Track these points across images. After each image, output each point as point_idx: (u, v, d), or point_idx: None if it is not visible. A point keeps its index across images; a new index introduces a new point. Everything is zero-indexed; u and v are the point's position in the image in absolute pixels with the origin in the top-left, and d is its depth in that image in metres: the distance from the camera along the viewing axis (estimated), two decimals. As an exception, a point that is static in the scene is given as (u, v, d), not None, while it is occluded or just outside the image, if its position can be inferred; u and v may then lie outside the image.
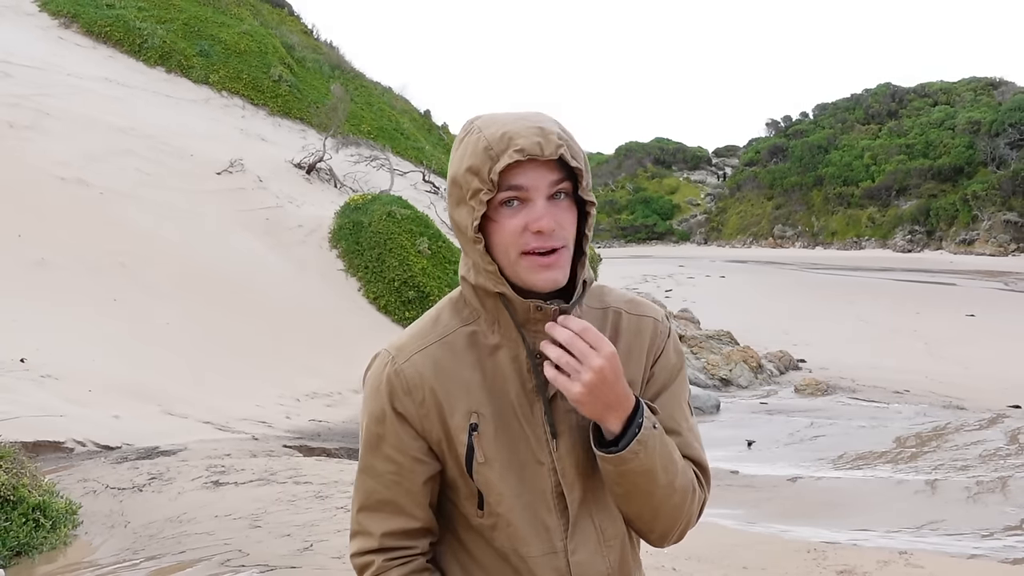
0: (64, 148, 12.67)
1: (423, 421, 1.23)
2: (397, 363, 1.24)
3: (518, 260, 1.17)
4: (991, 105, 55.56)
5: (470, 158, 1.17)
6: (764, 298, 24.71)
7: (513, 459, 1.22)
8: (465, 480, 1.23)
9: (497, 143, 1.15)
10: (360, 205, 13.68)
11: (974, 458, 8.16)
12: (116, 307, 9.69)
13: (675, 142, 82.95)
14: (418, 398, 1.23)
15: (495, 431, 1.22)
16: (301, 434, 8.02)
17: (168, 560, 4.33)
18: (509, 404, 1.23)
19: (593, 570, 1.24)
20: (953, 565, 4.79)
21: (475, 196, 1.16)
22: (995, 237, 48.15)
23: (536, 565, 1.23)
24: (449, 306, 1.29)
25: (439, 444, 1.24)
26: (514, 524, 1.22)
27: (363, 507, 1.27)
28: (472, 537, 1.27)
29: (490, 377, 1.23)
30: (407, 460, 1.24)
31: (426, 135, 29.12)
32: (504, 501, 1.22)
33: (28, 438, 5.89)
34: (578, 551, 1.23)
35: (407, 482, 1.24)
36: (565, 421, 1.23)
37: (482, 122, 1.20)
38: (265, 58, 22.47)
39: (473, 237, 1.17)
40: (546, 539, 1.23)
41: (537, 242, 1.16)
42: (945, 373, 12.87)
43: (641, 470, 1.17)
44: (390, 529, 1.25)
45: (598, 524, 1.25)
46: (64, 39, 19.52)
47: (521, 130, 1.15)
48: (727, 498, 6.72)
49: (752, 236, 65.55)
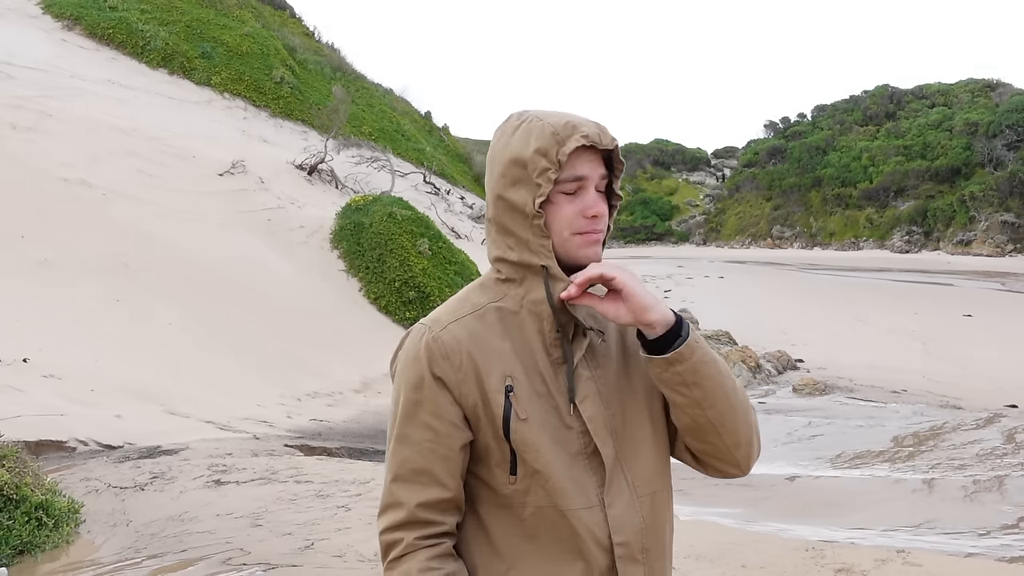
0: (67, 149, 12.70)
1: (460, 386, 1.28)
2: (434, 331, 1.31)
3: (570, 238, 1.30)
4: (988, 107, 55.56)
5: (537, 140, 1.28)
6: (762, 298, 24.73)
7: (546, 421, 1.28)
8: (500, 443, 1.28)
9: (563, 129, 1.27)
10: (361, 206, 13.72)
11: (971, 457, 8.19)
12: (118, 307, 9.72)
13: (674, 143, 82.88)
14: (456, 362, 1.28)
15: (529, 394, 1.29)
16: (302, 433, 8.05)
17: (170, 559, 4.35)
18: (538, 372, 1.30)
19: (629, 523, 1.30)
20: (951, 563, 4.81)
21: (543, 175, 1.27)
22: (992, 238, 48.16)
23: (576, 518, 1.27)
24: (477, 288, 1.38)
25: (475, 409, 1.29)
26: (554, 477, 1.26)
27: (397, 477, 1.30)
28: (496, 516, 1.30)
29: (519, 346, 1.30)
30: (444, 425, 1.28)
31: (427, 136, 29.14)
32: (542, 456, 1.26)
33: (31, 437, 5.92)
34: (615, 505, 1.29)
35: (443, 448, 1.28)
36: (587, 387, 1.31)
37: (538, 112, 1.32)
38: (267, 60, 22.51)
39: (534, 213, 1.28)
40: (583, 495, 1.28)
41: (589, 226, 1.30)
42: (942, 373, 12.89)
43: (708, 357, 1.26)
44: (423, 499, 1.28)
45: (630, 480, 1.31)
46: (67, 41, 19.56)
47: (582, 121, 1.29)
48: (725, 497, 6.75)
49: (751, 237, 65.55)
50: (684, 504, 6.09)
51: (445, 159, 28.35)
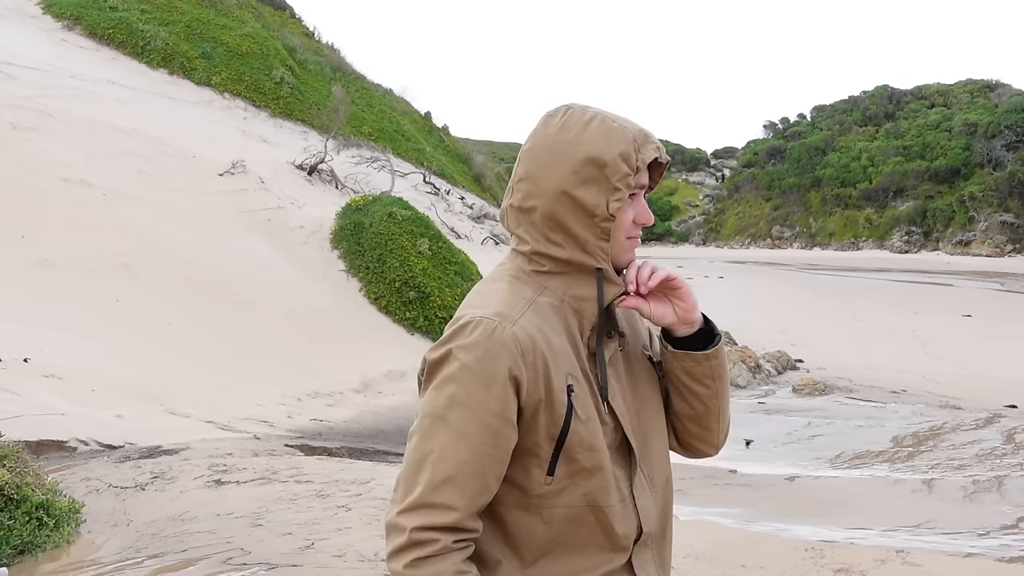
0: (67, 150, 12.71)
1: (532, 385, 1.24)
2: (507, 327, 1.24)
3: (623, 242, 1.34)
4: (988, 107, 55.64)
5: (620, 143, 1.29)
6: (762, 299, 24.74)
7: (595, 418, 1.30)
8: (550, 444, 1.25)
9: (639, 136, 1.31)
10: (361, 206, 13.72)
11: (970, 457, 8.19)
12: (119, 307, 9.73)
13: (674, 144, 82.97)
14: (530, 360, 1.24)
15: (583, 393, 1.29)
16: (302, 433, 8.05)
17: (170, 558, 4.36)
18: (583, 368, 1.31)
19: (651, 513, 1.36)
20: (950, 563, 4.82)
21: (623, 179, 1.29)
22: (991, 238, 48.21)
23: (613, 513, 1.29)
24: (519, 280, 1.33)
25: (537, 408, 1.24)
26: (603, 475, 1.28)
27: (450, 479, 1.21)
28: (516, 517, 1.27)
29: (571, 343, 1.31)
30: (507, 428, 1.23)
31: (427, 137, 29.15)
32: (597, 455, 1.28)
33: (31, 437, 5.91)
34: (641, 496, 1.34)
35: (501, 453, 1.23)
36: (614, 385, 1.35)
37: (599, 111, 1.34)
38: (267, 60, 22.52)
39: (606, 216, 1.29)
40: (617, 489, 1.31)
41: (636, 232, 1.35)
42: (942, 373, 12.89)
43: (723, 358, 1.39)
44: (471, 503, 1.22)
45: (647, 472, 1.36)
46: (67, 41, 19.57)
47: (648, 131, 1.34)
48: (725, 497, 6.76)
49: (750, 237, 65.58)
50: (684, 504, 6.10)
51: (445, 159, 28.36)
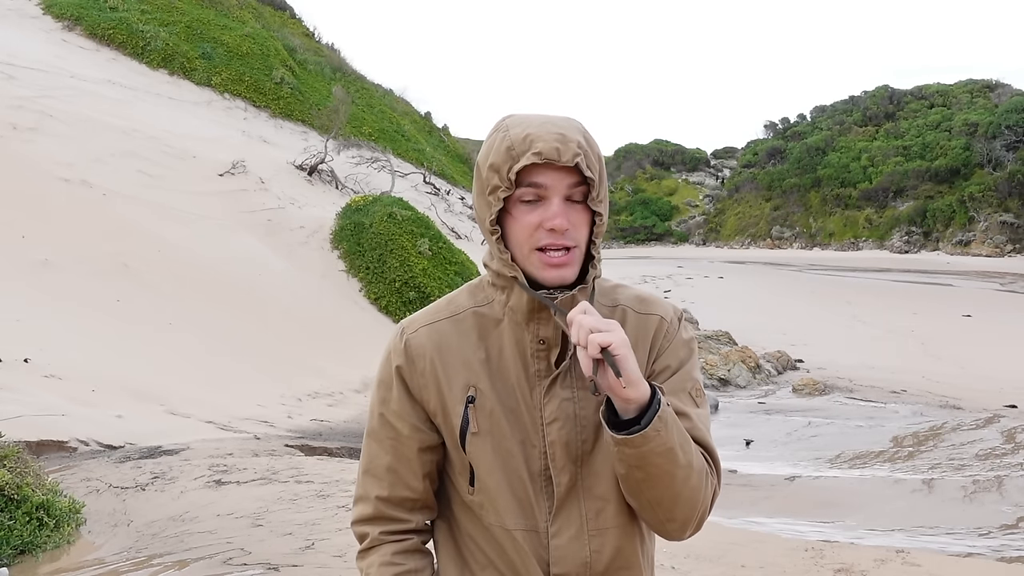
0: (67, 150, 12.71)
1: (421, 391, 1.29)
2: (406, 334, 1.32)
3: (530, 255, 1.22)
4: (988, 107, 55.60)
5: (493, 155, 1.22)
6: (762, 299, 24.74)
7: (509, 437, 1.25)
8: (459, 453, 1.28)
9: (519, 144, 1.20)
10: (361, 206, 13.73)
11: (970, 457, 8.20)
12: (119, 307, 9.73)
13: (674, 144, 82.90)
14: (419, 367, 1.29)
15: (492, 408, 1.25)
16: (303, 433, 8.05)
17: (171, 559, 4.35)
18: (510, 385, 1.26)
19: (572, 555, 1.24)
20: (950, 563, 4.82)
21: (493, 192, 1.21)
22: (991, 238, 48.20)
23: (514, 539, 1.25)
24: (467, 290, 1.35)
25: (435, 415, 1.29)
26: (502, 497, 1.25)
27: (366, 470, 1.34)
28: (466, 514, 1.31)
29: (495, 357, 1.27)
30: (405, 427, 1.30)
31: (427, 137, 29.15)
32: (494, 474, 1.25)
33: (32, 437, 5.92)
34: (559, 535, 1.25)
35: (404, 448, 1.30)
36: (561, 409, 1.25)
37: (511, 121, 1.25)
38: (267, 60, 22.52)
39: (490, 229, 1.23)
40: (530, 517, 1.25)
41: (550, 239, 1.20)
42: (942, 373, 12.90)
43: (662, 449, 1.15)
44: (387, 496, 1.31)
45: (584, 511, 1.25)
46: (67, 42, 19.57)
47: (544, 134, 1.19)
48: (725, 497, 6.76)
49: (750, 237, 65.56)
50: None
51: (445, 159, 28.36)
